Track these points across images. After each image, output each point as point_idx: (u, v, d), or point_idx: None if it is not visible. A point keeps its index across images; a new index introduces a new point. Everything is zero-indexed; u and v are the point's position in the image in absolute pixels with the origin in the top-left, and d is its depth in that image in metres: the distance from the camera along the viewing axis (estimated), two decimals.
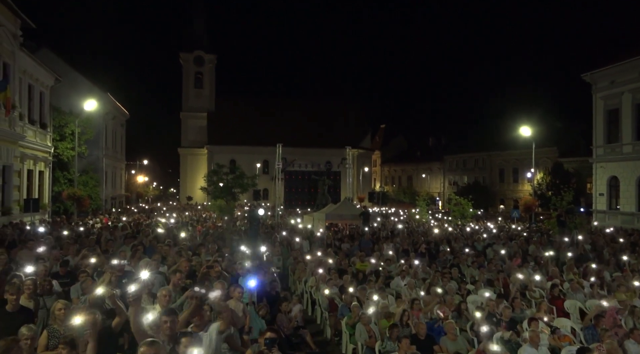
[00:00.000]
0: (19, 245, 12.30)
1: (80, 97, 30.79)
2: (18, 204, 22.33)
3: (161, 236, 15.93)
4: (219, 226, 22.88)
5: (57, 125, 29.68)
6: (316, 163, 42.89)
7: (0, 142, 20.18)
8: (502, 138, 55.56)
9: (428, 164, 72.26)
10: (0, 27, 19.94)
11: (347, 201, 30.54)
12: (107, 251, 12.49)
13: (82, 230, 18.16)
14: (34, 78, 25.58)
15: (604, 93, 30.05)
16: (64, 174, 30.01)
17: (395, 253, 15.18)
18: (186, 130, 69.50)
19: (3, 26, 20.21)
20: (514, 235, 21.92)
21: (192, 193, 65.17)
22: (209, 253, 12.31)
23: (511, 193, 58.68)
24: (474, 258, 14.40)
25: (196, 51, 68.23)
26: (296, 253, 15.18)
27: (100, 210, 33.80)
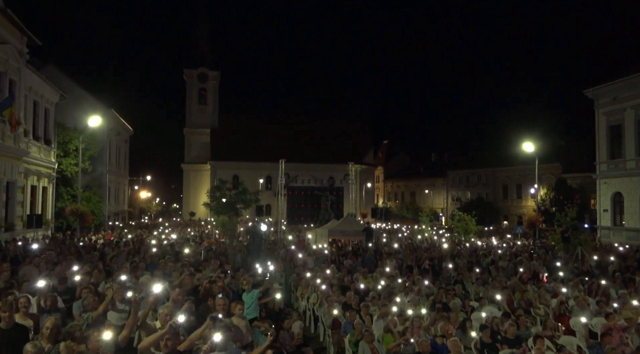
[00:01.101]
0: (23, 261, 12.27)
1: (84, 113, 30.99)
2: (21, 220, 22.35)
3: (163, 253, 15.90)
4: (222, 243, 22.82)
5: (61, 141, 29.83)
6: (319, 179, 43.02)
7: (4, 158, 20.28)
8: (505, 154, 55.60)
9: (431, 180, 72.22)
10: (7, 45, 20.18)
11: (350, 217, 30.49)
12: (110, 267, 12.46)
13: (85, 246, 18.14)
14: (39, 94, 25.81)
15: (607, 110, 30.11)
16: (67, 190, 30.07)
17: (399, 270, 15.09)
18: (189, 146, 69.81)
19: (10, 43, 20.46)
20: (518, 251, 21.78)
21: (195, 209, 65.19)
22: (211, 270, 12.26)
23: (515, 209, 58.51)
24: (478, 275, 14.30)
25: (200, 68, 68.87)
26: (299, 269, 15.10)
27: (103, 226, 33.78)
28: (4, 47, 19.88)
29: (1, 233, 19.81)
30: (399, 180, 79.59)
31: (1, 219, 20.51)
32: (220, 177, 51.51)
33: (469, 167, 65.50)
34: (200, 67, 68.83)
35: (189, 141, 69.92)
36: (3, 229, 20.36)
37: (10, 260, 13.06)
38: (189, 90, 69.96)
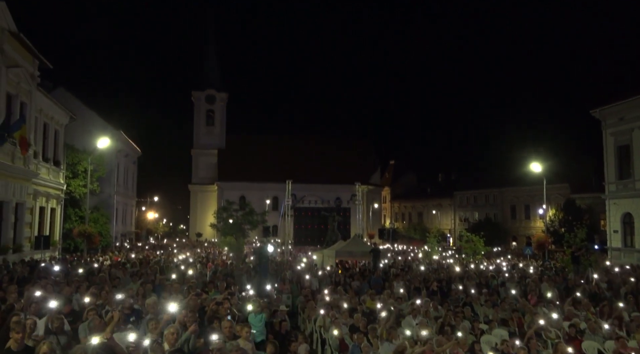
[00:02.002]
0: (29, 283, 12.26)
1: (93, 134, 31.34)
2: (29, 241, 22.43)
3: (169, 274, 15.86)
4: (229, 264, 22.73)
5: (70, 163, 30.11)
6: (326, 199, 43.05)
7: (14, 180, 20.47)
8: (513, 174, 55.42)
9: (438, 200, 71.94)
10: (19, 68, 20.56)
11: (357, 238, 30.35)
12: (117, 288, 12.42)
13: (92, 267, 18.13)
14: (49, 117, 26.16)
15: (614, 130, 30.02)
16: (75, 211, 30.22)
17: (406, 291, 14.93)
18: (197, 166, 70.18)
19: (22, 67, 20.84)
20: (527, 272, 21.52)
21: (201, 230, 65.15)
22: (218, 291, 12.20)
23: (523, 229, 58.03)
24: (487, 297, 14.10)
25: (208, 89, 69.70)
26: (306, 291, 14.98)
27: (110, 247, 33.81)
28: (16, 70, 20.26)
29: (9, 255, 19.86)
30: (406, 200, 79.33)
31: (9, 240, 20.59)
32: (227, 198, 51.57)
33: (477, 187, 65.25)
34: (208, 88, 69.68)
35: (196, 162, 70.33)
36: (11, 250, 20.42)
37: (18, 281, 13.06)
38: (197, 112, 70.68)
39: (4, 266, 16.62)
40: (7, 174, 19.69)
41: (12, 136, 18.76)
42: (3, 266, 16.60)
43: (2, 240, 20.04)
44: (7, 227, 20.42)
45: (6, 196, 19.88)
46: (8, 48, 19.32)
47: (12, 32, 19.38)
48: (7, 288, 10.53)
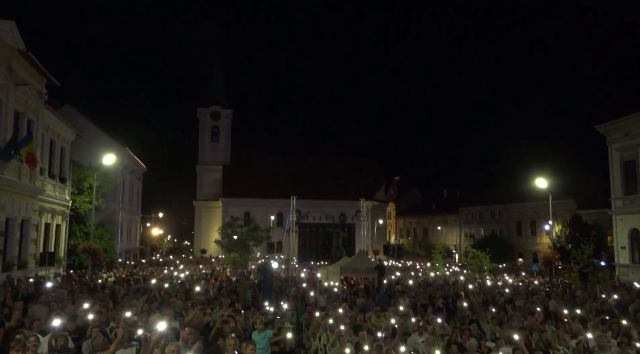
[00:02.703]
0: (34, 300, 12.24)
1: (99, 151, 31.53)
2: (34, 258, 22.44)
3: (174, 290, 15.79)
4: (234, 280, 22.64)
5: (76, 179, 30.24)
6: (330, 215, 42.93)
7: (20, 196, 20.57)
8: (518, 190, 55.25)
9: (443, 216, 71.66)
10: (27, 86, 20.81)
11: (362, 255, 30.20)
12: (120, 305, 12.37)
13: (96, 284, 18.09)
14: (55, 134, 26.38)
15: (619, 145, 29.93)
16: (80, 227, 30.27)
17: (412, 308, 14.79)
18: (202, 183, 70.34)
19: (30, 85, 21.09)
20: (534, 289, 21.28)
21: (206, 246, 65.02)
22: (222, 308, 12.13)
23: (529, 246, 57.61)
24: (494, 314, 13.94)
25: (213, 106, 70.22)
26: (310, 308, 14.87)
27: (115, 264, 33.75)
28: (24, 88, 20.50)
29: (14, 271, 19.85)
30: (411, 216, 79.05)
31: (14, 257, 20.61)
32: (231, 214, 51.58)
33: (482, 203, 65.02)
34: (213, 105, 70.20)
35: (201, 178, 70.52)
36: (16, 267, 20.42)
37: (22, 298, 13.04)
38: (202, 128, 71.10)
39: (9, 282, 16.61)
40: (14, 191, 19.80)
41: (18, 153, 18.91)
42: (8, 282, 16.59)
43: (8, 257, 20.06)
44: (12, 244, 20.46)
45: (12, 213, 19.96)
46: (17, 67, 19.59)
47: (21, 51, 19.68)
48: (12, 305, 10.51)
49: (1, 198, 18.77)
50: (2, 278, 17.99)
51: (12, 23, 18.55)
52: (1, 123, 18.83)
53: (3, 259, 19.55)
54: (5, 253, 19.84)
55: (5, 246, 19.88)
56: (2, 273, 18.88)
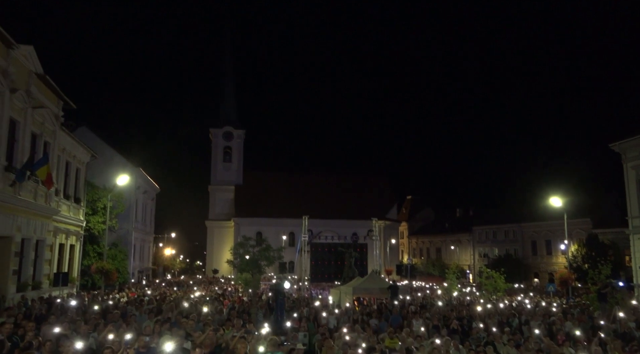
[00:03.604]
0: (47, 320, 12.28)
1: (113, 172, 31.90)
2: (48, 278, 22.56)
3: (186, 311, 15.74)
4: (246, 301, 22.51)
5: (90, 200, 30.53)
6: (342, 235, 42.62)
7: (36, 217, 20.80)
8: (532, 209, 54.66)
9: (456, 236, 70.98)
10: (44, 109, 21.21)
11: (375, 275, 29.90)
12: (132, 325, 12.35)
13: (109, 304, 18.11)
14: (71, 155, 26.76)
15: (635, 163, 29.54)
16: (94, 247, 30.44)
17: (426, 330, 14.56)
18: (214, 203, 70.64)
19: (47, 108, 21.50)
20: (551, 310, 20.86)
21: (218, 266, 64.98)
22: (234, 329, 12.05)
23: (545, 266, 56.71)
24: (510, 336, 13.67)
25: (225, 127, 70.94)
26: (323, 329, 14.70)
27: (127, 284, 33.81)
28: (41, 110, 20.90)
29: (28, 292, 19.97)
30: (424, 236, 78.42)
31: (29, 277, 20.75)
32: (243, 234, 51.59)
33: (495, 222, 64.35)
34: (225, 126, 70.93)
35: (213, 198, 70.85)
36: (30, 287, 20.54)
37: (36, 318, 13.09)
38: (214, 149, 71.72)
39: (23, 303, 16.70)
40: (30, 211, 20.04)
41: (34, 174, 19.20)
42: (22, 303, 16.68)
43: (22, 277, 20.19)
44: (27, 264, 20.61)
45: (28, 233, 20.16)
46: (34, 90, 20.01)
47: (39, 75, 20.12)
48: (24, 325, 10.55)
49: (17, 218, 19.00)
50: (17, 298, 18.10)
51: (30, 48, 19.01)
52: (19, 145, 19.17)
53: (18, 279, 19.68)
54: (20, 273, 19.98)
55: (20, 267, 20.03)
56: (16, 293, 19.00)
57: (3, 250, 18.31)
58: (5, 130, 17.78)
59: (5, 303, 16.65)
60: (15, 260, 19.27)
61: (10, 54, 17.55)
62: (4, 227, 17.92)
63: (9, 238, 18.54)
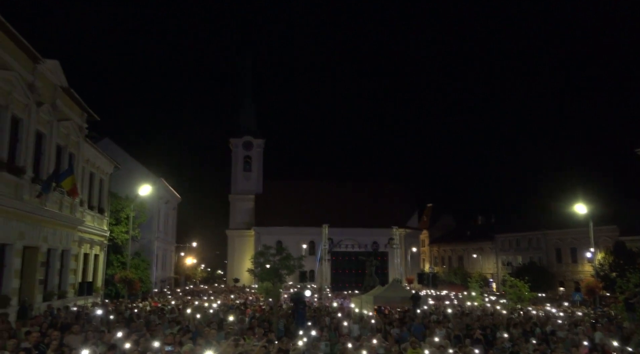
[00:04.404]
0: (71, 329, 12.47)
1: (136, 182, 32.38)
2: (73, 287, 22.94)
3: (207, 320, 15.82)
4: (266, 310, 22.50)
5: (113, 210, 31.00)
6: (363, 243, 42.54)
7: (61, 227, 21.21)
8: (556, 216, 53.64)
9: (479, 244, 70.00)
10: (69, 121, 21.71)
11: (396, 283, 29.65)
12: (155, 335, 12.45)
13: (132, 313, 18.32)
14: (95, 166, 27.27)
15: None
16: (117, 257, 30.85)
17: (449, 339, 14.35)
18: (234, 212, 71.05)
19: (71, 120, 22.01)
20: (577, 320, 20.36)
21: (239, 275, 65.20)
22: (256, 338, 12.06)
23: (571, 274, 55.50)
24: (535, 346, 13.38)
25: (245, 136, 71.50)
26: (344, 338, 14.59)
27: (150, 293, 34.15)
28: (66, 123, 21.40)
29: (54, 301, 20.33)
30: (445, 244, 77.54)
31: (55, 287, 21.13)
32: (264, 243, 51.75)
33: (518, 230, 63.29)
34: (245, 135, 71.49)
35: (233, 207, 71.28)
36: (56, 297, 20.91)
37: (61, 327, 13.30)
38: (234, 158, 72.28)
39: (49, 312, 17.00)
40: (55, 222, 20.45)
41: (60, 185, 19.61)
42: (48, 312, 16.98)
43: (48, 286, 20.59)
44: (53, 274, 21.01)
45: (54, 244, 20.56)
46: (60, 103, 20.52)
47: (64, 88, 20.63)
48: (50, 334, 10.73)
49: (43, 229, 19.40)
50: (43, 308, 18.45)
51: (56, 62, 19.51)
52: (45, 157, 19.63)
53: (44, 288, 20.06)
54: (46, 282, 20.37)
55: (47, 276, 20.43)
56: (43, 302, 19.36)
57: (30, 260, 18.71)
58: (32, 143, 18.26)
59: (32, 312, 16.97)
60: (42, 270, 19.67)
61: (36, 68, 18.05)
62: (31, 238, 18.32)
63: (35, 248, 18.95)
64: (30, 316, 15.62)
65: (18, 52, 16.82)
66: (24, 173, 17.40)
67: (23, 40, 16.46)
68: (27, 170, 17.69)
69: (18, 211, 17.15)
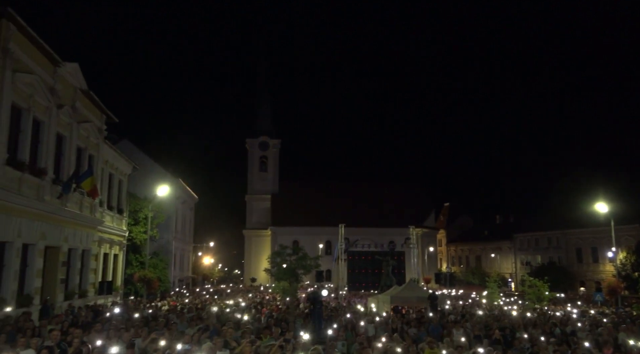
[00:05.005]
0: (92, 327, 12.66)
1: (154, 183, 32.73)
2: (93, 287, 23.32)
3: (224, 319, 15.92)
4: (283, 309, 22.57)
5: (132, 210, 31.39)
6: (379, 243, 42.37)
7: (81, 228, 21.56)
8: (576, 215, 52.81)
9: (497, 243, 69.25)
10: (89, 123, 22.05)
11: (413, 283, 29.48)
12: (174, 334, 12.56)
13: (151, 312, 18.53)
14: (114, 167, 27.66)
15: None
16: (136, 257, 31.25)
17: (467, 340, 14.22)
18: (251, 212, 71.44)
19: (91, 122, 22.35)
20: (599, 321, 20.01)
21: (256, 275, 65.54)
22: (272, 337, 12.10)
23: (591, 274, 54.61)
24: (555, 347, 13.19)
25: (261, 137, 71.82)
26: (361, 338, 14.56)
27: (168, 292, 34.50)
28: (86, 125, 21.74)
29: (75, 300, 20.68)
30: (463, 243, 76.87)
31: (76, 286, 21.49)
32: (280, 243, 51.92)
33: (537, 229, 62.45)
34: (261, 136, 71.80)
35: (250, 207, 71.66)
36: (77, 295, 21.26)
37: (82, 325, 13.51)
38: (251, 158, 72.66)
39: (70, 311, 17.29)
40: (76, 222, 20.80)
41: (80, 186, 19.93)
42: (69, 311, 17.27)
43: (69, 286, 20.95)
44: (74, 273, 21.38)
45: (74, 244, 20.92)
46: (79, 105, 20.85)
47: (83, 90, 20.96)
48: (72, 332, 10.91)
49: (64, 229, 19.75)
50: (65, 306, 18.78)
51: (75, 65, 19.83)
52: (65, 158, 19.98)
53: (65, 288, 20.43)
54: (67, 282, 20.74)
55: (68, 276, 20.80)
56: (64, 301, 19.71)
57: (51, 259, 19.07)
58: (52, 145, 18.59)
59: (54, 311, 17.29)
60: (63, 269, 20.03)
61: (56, 71, 18.36)
62: (52, 238, 18.66)
63: (57, 248, 19.30)
64: (52, 315, 15.91)
65: (39, 56, 17.13)
66: (45, 175, 17.72)
67: (44, 43, 16.77)
68: (49, 172, 18.01)
69: (40, 212, 17.48)
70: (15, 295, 16.05)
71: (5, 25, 14.86)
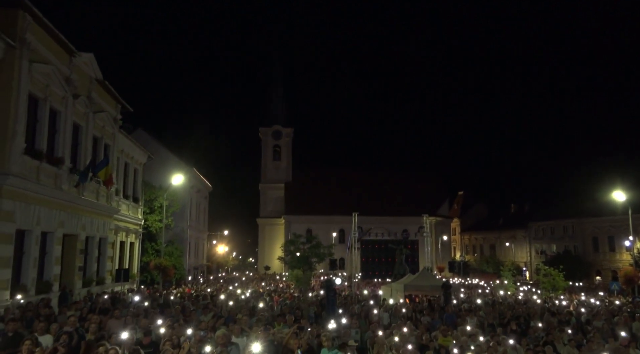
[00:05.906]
0: (110, 314, 12.88)
1: (168, 172, 33.00)
2: (110, 274, 23.72)
3: (239, 307, 16.10)
4: (297, 297, 22.76)
5: (147, 199, 31.72)
6: (393, 231, 42.33)
7: (98, 216, 21.88)
8: (592, 203, 52.15)
9: (511, 232, 68.75)
10: (104, 113, 22.26)
11: (426, 272, 29.44)
12: (189, 321, 12.75)
13: (167, 300, 18.81)
14: (129, 156, 27.93)
15: None
16: (152, 245, 31.65)
17: (481, 328, 14.21)
18: (265, 200, 71.79)
19: (106, 112, 22.56)
20: (615, 310, 19.85)
21: (270, 263, 66.05)
22: (286, 325, 12.22)
23: (608, 263, 54.00)
24: (570, 336, 13.12)
25: (274, 125, 71.89)
26: (374, 326, 14.63)
27: (184, 280, 34.92)
28: (101, 115, 21.95)
29: (93, 287, 21.07)
30: (477, 232, 76.43)
31: (93, 273, 21.88)
32: (294, 231, 52.17)
33: (553, 217, 61.78)
34: (274, 124, 71.86)
35: (264, 196, 72.01)
36: (95, 283, 21.65)
37: (100, 312, 13.76)
38: (264, 147, 72.84)
39: (88, 297, 17.63)
40: (92, 211, 21.11)
41: (96, 175, 20.18)
42: (88, 297, 17.61)
43: (87, 273, 21.33)
44: (92, 261, 21.75)
45: (91, 232, 21.25)
46: (95, 95, 21.03)
47: (99, 80, 21.12)
48: (90, 318, 11.13)
49: (82, 218, 20.05)
50: (83, 293, 19.15)
51: (90, 55, 19.97)
52: (81, 148, 20.22)
53: (83, 275, 20.80)
54: (85, 269, 21.11)
55: (85, 263, 21.17)
56: (82, 288, 20.09)
57: (70, 247, 19.40)
58: (69, 134, 18.81)
59: (73, 298, 17.64)
60: (81, 257, 20.39)
61: (72, 61, 18.51)
62: (70, 226, 18.97)
63: (74, 237, 19.63)
64: (70, 301, 16.23)
65: (55, 46, 17.28)
66: (63, 164, 17.96)
67: (59, 34, 16.90)
68: (66, 161, 18.25)
69: (58, 201, 17.75)
70: (34, 282, 16.39)
71: (21, 16, 15.00)
